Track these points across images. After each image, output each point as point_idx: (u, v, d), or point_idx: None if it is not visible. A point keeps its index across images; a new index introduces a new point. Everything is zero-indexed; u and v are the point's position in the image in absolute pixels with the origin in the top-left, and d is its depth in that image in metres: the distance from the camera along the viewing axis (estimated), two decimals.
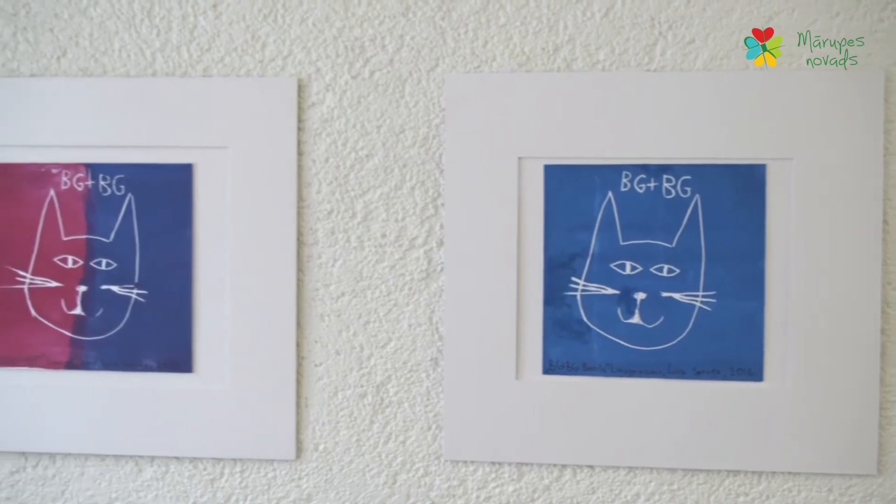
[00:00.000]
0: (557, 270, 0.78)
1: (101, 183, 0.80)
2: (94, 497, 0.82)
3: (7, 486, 0.82)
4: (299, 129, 0.79)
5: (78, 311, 0.81)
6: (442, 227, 0.78)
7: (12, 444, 0.81)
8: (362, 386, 0.80)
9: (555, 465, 0.79)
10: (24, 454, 0.82)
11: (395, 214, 0.79)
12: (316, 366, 0.80)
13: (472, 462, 0.79)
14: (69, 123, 0.80)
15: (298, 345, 0.80)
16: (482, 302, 0.78)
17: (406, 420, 0.79)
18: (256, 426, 0.80)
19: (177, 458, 0.81)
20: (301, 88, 0.79)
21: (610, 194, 0.77)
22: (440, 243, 0.79)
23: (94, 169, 0.80)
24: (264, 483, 0.81)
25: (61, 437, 0.81)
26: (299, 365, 0.80)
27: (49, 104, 0.80)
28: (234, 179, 0.79)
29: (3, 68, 0.81)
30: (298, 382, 0.80)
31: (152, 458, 0.81)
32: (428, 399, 0.79)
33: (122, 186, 0.80)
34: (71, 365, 0.81)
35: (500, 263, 0.78)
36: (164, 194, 0.80)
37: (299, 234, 0.79)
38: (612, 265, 0.77)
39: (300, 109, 0.79)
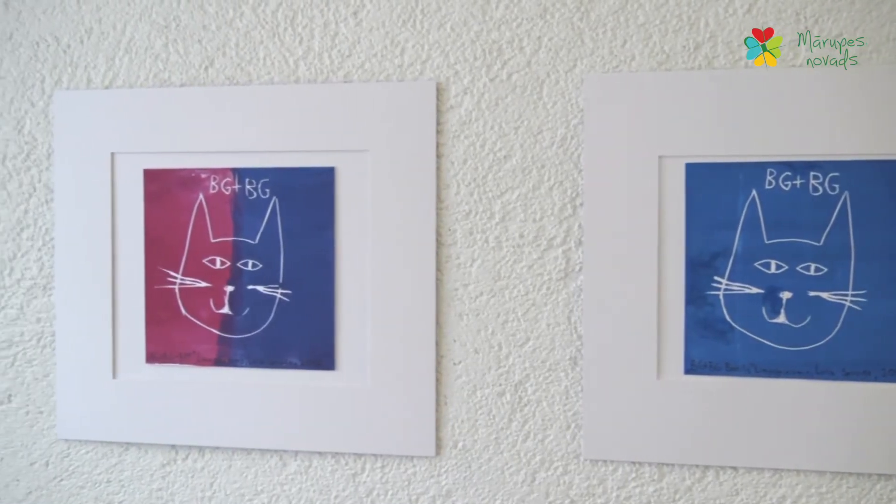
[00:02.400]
0: (699, 269, 0.77)
1: (248, 187, 0.83)
2: (241, 489, 0.85)
3: (159, 478, 0.86)
4: (438, 131, 0.80)
5: (225, 310, 0.84)
6: (580, 226, 0.79)
7: (164, 438, 0.85)
8: (501, 384, 0.81)
9: (697, 466, 0.78)
10: (174, 447, 0.86)
11: (533, 215, 0.79)
12: (455, 364, 0.81)
13: (612, 461, 0.79)
14: (217, 130, 0.83)
15: (437, 343, 0.81)
16: (622, 301, 0.78)
17: (545, 419, 0.80)
18: (397, 423, 0.81)
19: (319, 453, 0.84)
20: (440, 92, 0.80)
21: (754, 192, 0.76)
22: (578, 243, 0.79)
23: (240, 173, 0.83)
24: (404, 479, 0.82)
25: (209, 432, 0.84)
26: (438, 363, 0.81)
27: (198, 112, 0.83)
28: (375, 182, 0.81)
29: (155, 78, 0.84)
30: (438, 380, 0.81)
31: (296, 453, 0.84)
32: (566, 398, 0.80)
33: (268, 190, 0.83)
34: (219, 362, 0.84)
35: (640, 263, 0.77)
36: (307, 197, 0.82)
37: (438, 234, 0.81)
38: (756, 264, 0.76)
39: (439, 112, 0.80)
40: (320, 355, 0.82)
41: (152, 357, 0.85)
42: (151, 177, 0.84)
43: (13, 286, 0.87)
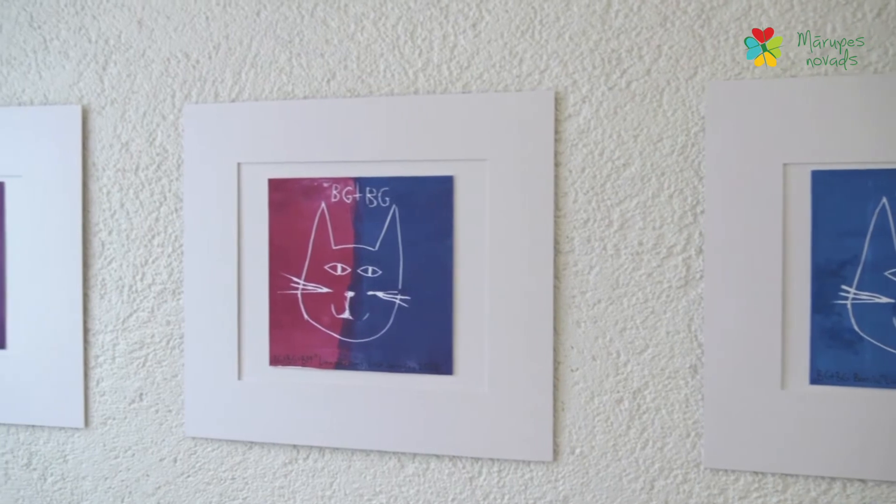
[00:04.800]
0: (826, 278, 0.76)
1: (368, 195, 0.85)
2: (360, 490, 0.87)
3: (281, 476, 0.89)
4: (556, 140, 0.81)
5: (346, 315, 0.86)
6: (701, 234, 0.79)
7: (286, 437, 0.88)
8: (619, 391, 0.81)
9: (822, 478, 0.77)
10: (296, 447, 0.89)
11: (652, 222, 0.80)
12: (572, 371, 0.82)
13: (734, 471, 0.79)
14: (338, 141, 0.86)
15: (555, 350, 0.82)
16: (744, 310, 0.77)
17: (664, 426, 0.80)
18: (514, 428, 0.82)
19: (437, 456, 0.85)
20: (558, 101, 0.81)
21: (884, 199, 0.75)
22: (699, 251, 0.79)
23: (361, 182, 0.86)
24: (521, 483, 0.83)
25: (330, 433, 0.87)
26: (556, 369, 0.82)
27: (320, 123, 0.86)
28: (493, 190, 0.82)
29: (280, 91, 0.88)
30: (555, 387, 0.82)
31: (414, 456, 0.86)
32: (686, 406, 0.79)
33: (388, 198, 0.85)
34: (340, 365, 0.87)
35: (763, 271, 0.77)
36: (426, 205, 0.84)
37: (556, 242, 0.81)
38: (886, 273, 0.75)
39: (557, 121, 0.81)
40: (438, 360, 0.84)
41: (276, 360, 0.88)
42: (276, 186, 0.88)
43: (144, 290, 0.92)
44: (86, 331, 0.93)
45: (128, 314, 0.92)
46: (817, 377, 0.76)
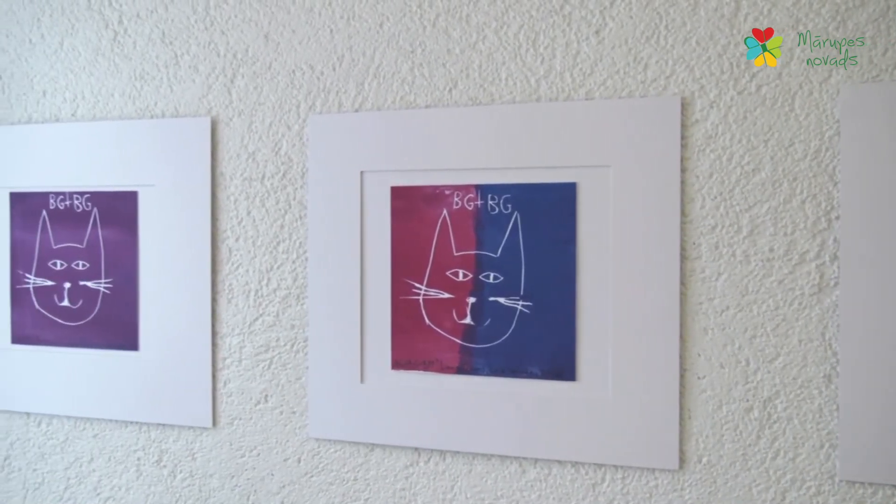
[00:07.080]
0: None
1: (490, 202, 0.86)
2: (481, 493, 0.88)
3: (402, 478, 0.91)
4: (682, 146, 0.81)
5: (467, 320, 0.87)
6: (836, 240, 0.77)
7: (407, 440, 0.90)
8: (748, 400, 0.80)
9: None
10: (417, 450, 0.90)
11: (783, 228, 0.78)
12: (699, 378, 0.81)
13: (871, 484, 0.76)
14: (460, 149, 0.87)
15: (681, 357, 0.81)
16: (882, 318, 0.75)
17: (796, 437, 0.78)
18: (638, 435, 0.82)
19: (559, 462, 0.85)
20: (684, 106, 0.81)
21: None
22: (833, 257, 0.77)
23: (483, 189, 0.87)
24: (646, 491, 0.83)
25: (451, 436, 0.88)
26: (682, 377, 0.81)
27: (442, 132, 0.88)
28: (617, 196, 0.82)
29: (402, 101, 0.90)
30: (681, 394, 0.81)
31: (535, 461, 0.86)
32: (820, 416, 0.78)
33: (509, 205, 0.86)
34: (461, 370, 0.88)
35: None
36: (548, 212, 0.84)
37: (682, 248, 0.81)
38: None
39: (683, 127, 0.81)
40: (561, 366, 0.84)
41: (397, 364, 0.90)
42: (398, 194, 0.89)
43: (270, 295, 0.95)
44: (214, 334, 0.97)
45: (254, 318, 0.95)
46: None
